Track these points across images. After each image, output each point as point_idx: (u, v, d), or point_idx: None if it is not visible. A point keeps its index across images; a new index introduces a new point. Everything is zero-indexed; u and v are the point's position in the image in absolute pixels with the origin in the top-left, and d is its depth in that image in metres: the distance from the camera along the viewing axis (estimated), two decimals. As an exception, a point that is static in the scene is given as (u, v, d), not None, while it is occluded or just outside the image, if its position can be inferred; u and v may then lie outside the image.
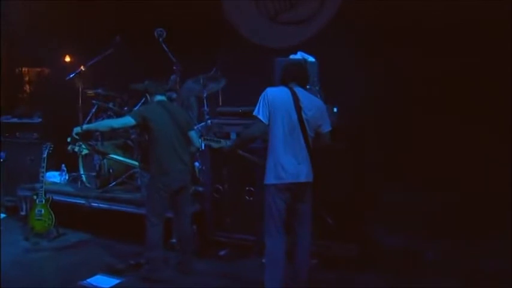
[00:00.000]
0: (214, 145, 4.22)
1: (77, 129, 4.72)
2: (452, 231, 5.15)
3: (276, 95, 3.86)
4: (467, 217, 5.27)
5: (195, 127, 5.21)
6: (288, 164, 3.82)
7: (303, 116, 3.84)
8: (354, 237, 4.77)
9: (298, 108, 3.82)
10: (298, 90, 3.92)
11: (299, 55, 5.13)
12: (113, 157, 5.60)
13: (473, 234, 5.06)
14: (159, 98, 4.70)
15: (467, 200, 5.36)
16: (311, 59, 5.11)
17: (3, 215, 6.48)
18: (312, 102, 3.93)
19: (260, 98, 3.87)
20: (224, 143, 4.19)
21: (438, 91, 5.81)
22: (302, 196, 3.91)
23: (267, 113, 3.82)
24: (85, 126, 4.87)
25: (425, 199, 5.58)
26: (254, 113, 3.87)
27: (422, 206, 5.54)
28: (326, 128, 3.97)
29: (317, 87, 4.94)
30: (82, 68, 6.06)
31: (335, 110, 5.10)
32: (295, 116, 3.83)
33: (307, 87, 4.53)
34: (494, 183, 5.35)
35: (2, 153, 6.59)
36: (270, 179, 3.86)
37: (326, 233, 4.68)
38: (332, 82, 5.17)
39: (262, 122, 3.83)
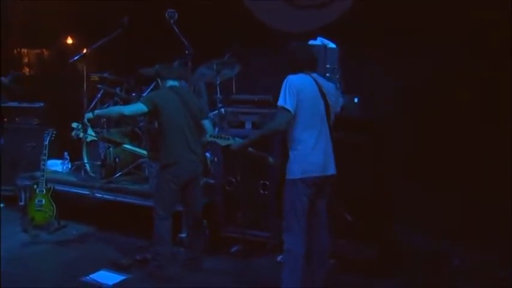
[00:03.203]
0: (222, 142, 4.01)
1: (89, 115, 4.68)
2: (475, 234, 5.02)
3: (301, 83, 3.72)
4: (489, 219, 5.13)
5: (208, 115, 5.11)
6: (317, 156, 3.71)
7: (329, 103, 3.77)
8: (373, 236, 4.67)
9: (324, 96, 3.75)
10: (316, 76, 3.83)
11: (319, 41, 4.93)
12: (125, 147, 5.54)
13: (495, 237, 4.94)
14: (171, 83, 4.61)
15: (489, 201, 5.21)
16: (331, 45, 4.93)
17: (1, 205, 6.38)
18: (330, 87, 3.88)
19: (284, 87, 3.69)
20: (233, 141, 3.96)
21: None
22: (325, 190, 3.81)
23: (295, 103, 3.65)
24: (97, 112, 4.84)
25: (445, 199, 5.43)
26: (279, 104, 3.68)
27: (443, 206, 5.40)
28: (338, 109, 3.97)
29: (337, 76, 4.79)
30: (86, 50, 5.94)
31: (355, 100, 4.99)
32: (322, 105, 3.75)
33: (327, 75, 4.52)
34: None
35: (1, 139, 6.50)
36: (296, 173, 3.70)
37: (344, 231, 4.56)
38: (353, 71, 5.08)
39: (288, 112, 3.65)
